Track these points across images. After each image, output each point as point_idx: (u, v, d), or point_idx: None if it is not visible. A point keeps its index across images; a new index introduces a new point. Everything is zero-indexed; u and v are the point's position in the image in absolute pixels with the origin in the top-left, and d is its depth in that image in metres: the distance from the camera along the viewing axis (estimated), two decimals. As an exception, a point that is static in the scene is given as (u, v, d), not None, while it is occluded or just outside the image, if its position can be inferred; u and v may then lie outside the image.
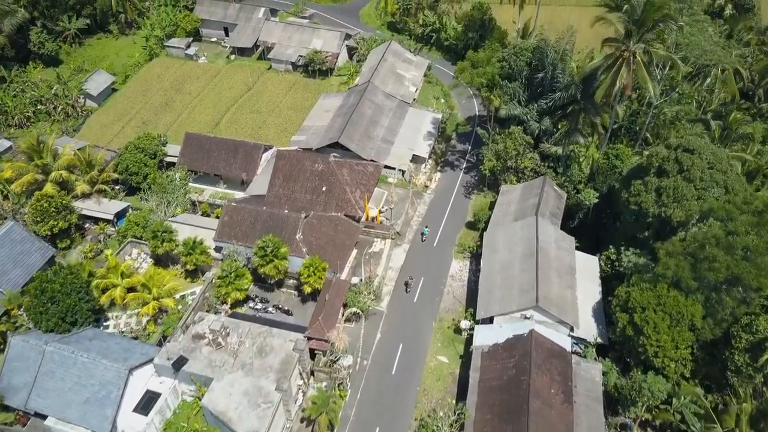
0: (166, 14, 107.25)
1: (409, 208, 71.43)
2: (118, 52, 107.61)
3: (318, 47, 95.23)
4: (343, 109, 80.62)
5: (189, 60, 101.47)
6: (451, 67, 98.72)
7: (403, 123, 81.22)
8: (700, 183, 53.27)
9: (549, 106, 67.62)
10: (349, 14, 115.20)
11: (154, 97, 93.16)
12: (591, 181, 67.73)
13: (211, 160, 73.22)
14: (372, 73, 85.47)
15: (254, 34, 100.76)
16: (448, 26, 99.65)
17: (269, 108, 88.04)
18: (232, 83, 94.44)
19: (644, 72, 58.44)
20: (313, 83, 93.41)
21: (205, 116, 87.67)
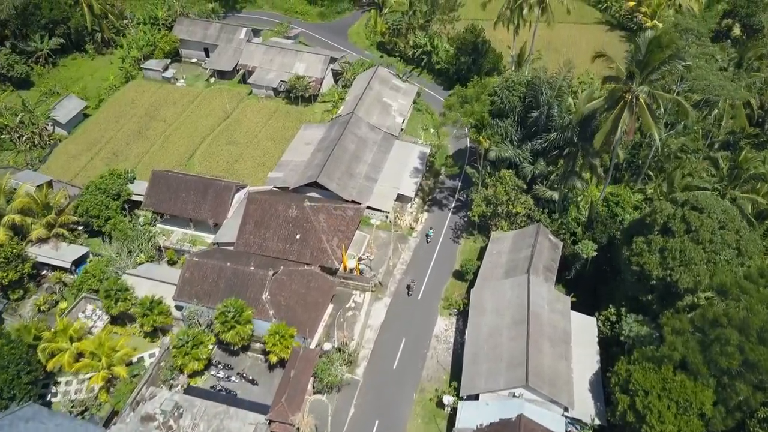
0: (143, 33, 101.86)
1: (392, 255, 65.93)
2: (93, 73, 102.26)
3: (301, 72, 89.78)
4: (325, 143, 75.21)
5: (166, 83, 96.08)
6: (442, 93, 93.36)
7: (388, 158, 75.75)
8: (709, 245, 47.79)
9: (544, 147, 62.08)
10: (338, 33, 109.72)
11: (128, 124, 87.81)
12: (590, 229, 62.18)
13: (179, 201, 67.80)
14: (356, 103, 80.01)
15: (235, 56, 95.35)
16: (440, 48, 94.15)
17: (247, 139, 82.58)
18: (210, 109, 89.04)
19: (648, 117, 52.88)
20: (295, 111, 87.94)
21: (179, 147, 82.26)
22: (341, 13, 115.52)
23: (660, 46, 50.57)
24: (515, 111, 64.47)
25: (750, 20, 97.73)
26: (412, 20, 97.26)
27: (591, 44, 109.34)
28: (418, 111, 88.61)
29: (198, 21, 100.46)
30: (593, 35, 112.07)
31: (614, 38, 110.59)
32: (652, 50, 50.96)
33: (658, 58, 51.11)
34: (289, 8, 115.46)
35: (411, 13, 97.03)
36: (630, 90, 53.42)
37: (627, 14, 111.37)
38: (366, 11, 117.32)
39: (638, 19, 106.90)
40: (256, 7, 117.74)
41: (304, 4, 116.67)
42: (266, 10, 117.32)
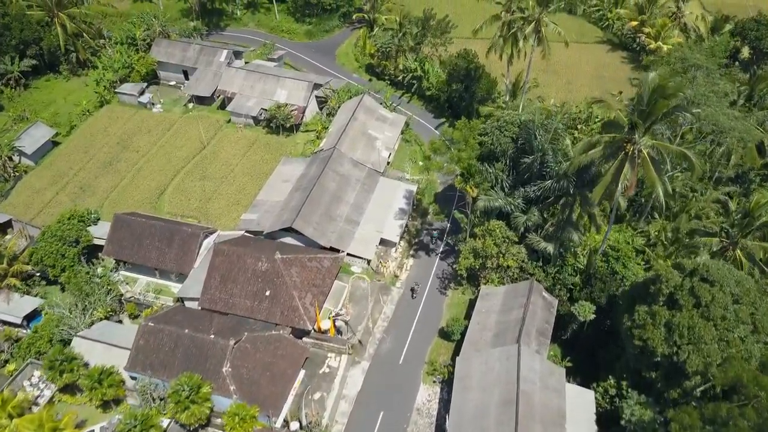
0: (119, 55, 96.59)
1: (372, 309, 60.58)
2: (67, 96, 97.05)
3: (282, 99, 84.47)
4: (304, 181, 69.91)
5: (142, 108, 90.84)
6: (432, 121, 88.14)
7: (371, 198, 70.40)
8: (722, 322, 42.41)
9: (538, 195, 56.67)
10: (325, 53, 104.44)
11: (98, 154, 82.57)
12: (588, 284, 56.76)
13: (142, 249, 62.53)
14: (339, 136, 74.70)
15: (214, 80, 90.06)
16: (431, 73, 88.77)
17: (223, 173, 77.26)
18: (186, 139, 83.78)
19: (652, 171, 47.40)
20: (276, 141, 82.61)
21: (149, 182, 76.97)
22: (329, 31, 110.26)
23: (665, 95, 45.13)
24: (507, 154, 59.11)
25: (759, 43, 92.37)
26: (402, 42, 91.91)
27: (592, 65, 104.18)
28: (406, 142, 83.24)
29: (177, 42, 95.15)
30: (594, 55, 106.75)
31: (616, 59, 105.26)
32: (656, 99, 45.51)
33: (663, 107, 45.67)
34: (275, 26, 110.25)
35: (401, 35, 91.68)
36: (632, 141, 47.97)
37: (629, 34, 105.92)
38: (356, 28, 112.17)
39: (641, 39, 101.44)
40: (241, 25, 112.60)
41: (290, 22, 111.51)
42: (251, 28, 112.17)
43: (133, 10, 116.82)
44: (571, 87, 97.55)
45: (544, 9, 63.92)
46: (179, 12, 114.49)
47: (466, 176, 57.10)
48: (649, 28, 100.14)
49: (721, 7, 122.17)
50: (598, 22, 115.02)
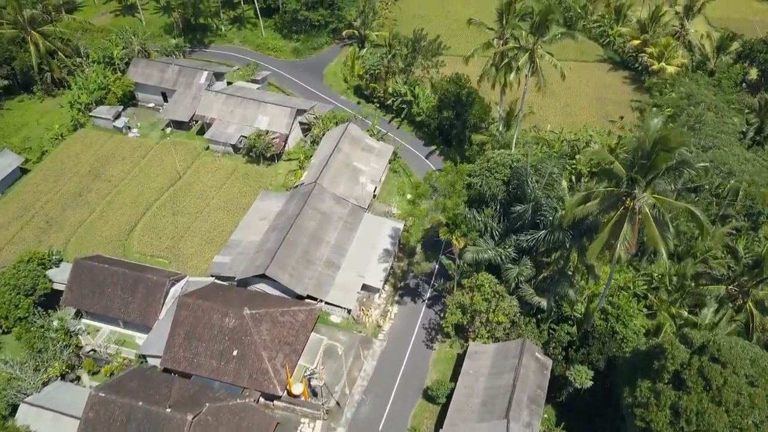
0: (95, 75, 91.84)
1: (353, 366, 55.81)
2: (40, 117, 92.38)
3: (264, 126, 79.77)
4: (281, 220, 65.23)
5: (117, 133, 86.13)
6: (422, 148, 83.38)
7: (354, 237, 65.66)
8: (735, 408, 37.61)
9: (530, 245, 51.87)
10: (312, 72, 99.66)
11: (69, 184, 77.90)
12: (585, 343, 51.96)
13: (104, 298, 57.86)
14: (321, 169, 69.98)
15: (193, 104, 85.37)
16: (421, 98, 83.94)
17: (197, 207, 72.54)
18: (162, 167, 79.07)
19: (654, 230, 42.64)
20: (255, 172, 77.87)
21: (120, 216, 72.28)
22: (318, 48, 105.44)
23: (667, 148, 40.27)
24: (497, 199, 54.31)
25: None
26: (392, 64, 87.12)
27: (592, 86, 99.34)
28: (394, 172, 78.47)
29: (155, 63, 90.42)
30: (594, 75, 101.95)
31: (617, 79, 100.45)
32: (658, 152, 40.67)
33: (665, 161, 40.84)
34: (260, 44, 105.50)
35: (390, 56, 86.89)
36: (631, 196, 43.16)
37: (631, 52, 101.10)
38: (347, 45, 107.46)
39: (644, 60, 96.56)
40: (226, 41, 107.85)
41: (277, 38, 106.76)
42: (236, 45, 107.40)
43: (114, 25, 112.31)
44: (570, 110, 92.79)
45: (539, 39, 59.05)
46: (162, 27, 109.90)
47: (451, 226, 52.23)
48: (652, 48, 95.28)
49: (726, 22, 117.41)
50: (598, 39, 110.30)
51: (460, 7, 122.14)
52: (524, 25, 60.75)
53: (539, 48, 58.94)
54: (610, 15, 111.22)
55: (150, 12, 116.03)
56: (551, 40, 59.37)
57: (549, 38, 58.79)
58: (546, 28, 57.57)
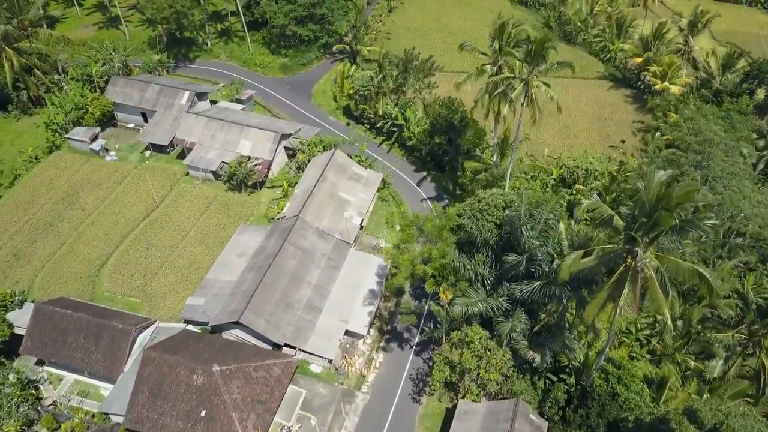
0: (73, 93, 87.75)
1: (333, 423, 51.68)
2: (15, 138, 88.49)
3: (246, 151, 75.67)
4: (260, 258, 61.15)
5: (94, 156, 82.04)
6: (414, 174, 79.30)
7: (338, 276, 61.58)
8: (750, 502, 33.45)
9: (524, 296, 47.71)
10: (301, 90, 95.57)
11: (40, 212, 73.82)
12: (583, 404, 47.88)
13: (66, 347, 53.83)
14: (305, 200, 65.94)
15: (174, 126, 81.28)
16: (413, 121, 79.80)
17: (173, 241, 68.42)
18: (138, 195, 74.94)
19: (658, 293, 38.46)
20: (236, 201, 73.75)
21: (91, 250, 68.17)
22: (307, 64, 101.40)
23: (669, 207, 36.14)
24: (489, 243, 50.18)
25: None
26: (382, 85, 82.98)
27: (591, 103, 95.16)
28: (383, 201, 74.37)
29: (135, 82, 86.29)
30: (594, 92, 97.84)
31: (618, 98, 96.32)
32: (661, 211, 36.51)
33: (669, 220, 36.70)
34: (247, 59, 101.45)
35: (380, 76, 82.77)
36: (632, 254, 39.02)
37: (633, 70, 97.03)
38: (337, 60, 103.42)
39: (647, 79, 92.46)
40: (212, 57, 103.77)
41: (264, 54, 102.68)
42: (223, 60, 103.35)
43: (97, 39, 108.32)
44: (569, 131, 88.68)
45: (535, 69, 54.89)
46: (146, 42, 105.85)
47: (438, 278, 48.10)
48: (655, 66, 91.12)
49: (732, 37, 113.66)
50: (599, 54, 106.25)
51: (456, 19, 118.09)
52: (519, 52, 56.54)
53: (535, 78, 54.72)
54: (611, 29, 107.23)
55: (135, 24, 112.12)
56: (548, 70, 55.20)
57: (545, 68, 54.59)
58: (542, 58, 53.37)
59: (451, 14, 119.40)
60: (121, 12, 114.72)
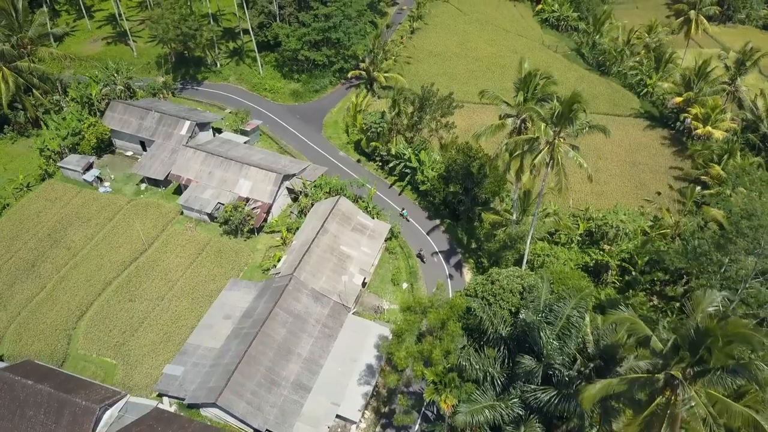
0: (70, 118, 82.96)
1: None
2: (9, 162, 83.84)
3: (245, 192, 69.96)
4: (247, 323, 55.24)
5: (87, 187, 77.04)
6: (425, 222, 72.73)
7: (332, 347, 55.33)
8: None
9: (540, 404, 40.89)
10: (311, 120, 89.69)
11: (23, 249, 68.85)
12: None
13: (24, 422, 48.42)
14: (302, 256, 59.87)
15: (171, 158, 75.93)
16: (427, 164, 73.23)
17: (159, 293, 62.83)
18: (128, 235, 69.56)
19: None
20: (231, 248, 67.90)
21: (71, 297, 62.92)
22: (320, 91, 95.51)
23: (722, 344, 29.05)
24: (502, 336, 43.43)
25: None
26: (396, 122, 76.56)
27: (625, 146, 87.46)
28: (390, 253, 67.92)
29: (134, 108, 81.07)
30: (628, 132, 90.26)
31: (654, 139, 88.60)
32: (711, 346, 29.47)
33: (718, 361, 29.62)
34: (257, 83, 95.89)
35: (394, 113, 76.37)
36: (672, 385, 31.97)
37: (672, 110, 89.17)
38: (353, 86, 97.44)
39: (687, 122, 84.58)
40: (221, 79, 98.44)
41: (276, 78, 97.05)
42: (232, 83, 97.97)
43: (104, 54, 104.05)
44: (599, 176, 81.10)
45: (562, 130, 47.93)
46: (153, 60, 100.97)
47: (439, 386, 41.46)
48: (697, 108, 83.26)
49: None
50: (635, 88, 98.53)
51: (482, 44, 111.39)
52: (544, 110, 49.54)
53: (561, 142, 47.75)
54: (649, 62, 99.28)
55: (144, 40, 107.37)
56: (577, 133, 48.23)
57: (574, 131, 47.63)
58: (570, 120, 46.42)
59: (476, 38, 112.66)
60: (132, 26, 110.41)
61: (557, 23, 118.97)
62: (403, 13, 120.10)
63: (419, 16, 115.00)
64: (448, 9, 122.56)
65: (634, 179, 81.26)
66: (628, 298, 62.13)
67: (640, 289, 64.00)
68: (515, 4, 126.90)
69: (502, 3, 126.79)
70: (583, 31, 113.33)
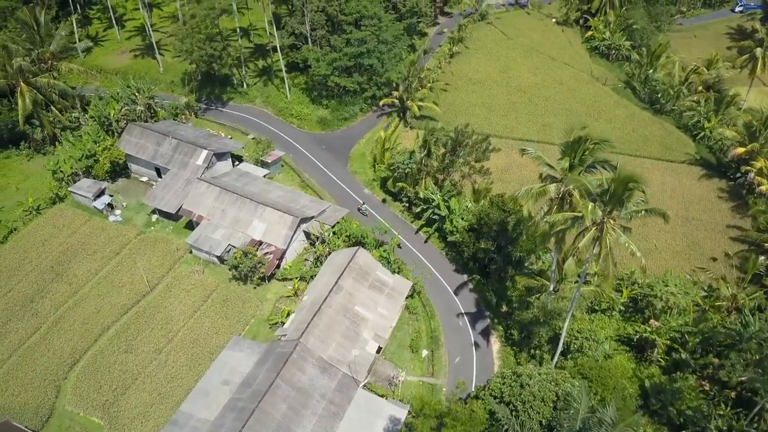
0: (86, 139, 79.21)
1: None
2: (22, 181, 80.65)
3: (258, 234, 64.89)
4: (245, 393, 49.93)
5: (96, 215, 73.08)
6: (452, 276, 66.71)
7: (338, 428, 49.53)
8: None
9: None
10: (337, 151, 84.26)
11: (24, 281, 65.14)
12: None
13: (-8, 499, 43.85)
14: (311, 317, 54.34)
15: (185, 190, 71.44)
16: (457, 213, 67.00)
17: (157, 345, 58.13)
18: (132, 273, 65.24)
19: None
20: (239, 295, 62.86)
21: (65, 342, 58.73)
22: (349, 119, 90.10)
23: None
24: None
25: None
26: (426, 162, 70.54)
27: (677, 196, 79.48)
28: (411, 314, 61.89)
29: (151, 133, 76.75)
30: (681, 181, 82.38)
31: (710, 191, 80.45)
32: None
33: None
34: (284, 108, 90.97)
35: (424, 153, 70.35)
36: None
37: (733, 160, 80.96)
38: (384, 114, 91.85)
39: (750, 176, 76.41)
40: (247, 100, 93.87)
41: (304, 102, 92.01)
42: (258, 105, 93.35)
43: (131, 68, 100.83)
44: (646, 231, 73.55)
45: (614, 211, 41.22)
46: (179, 76, 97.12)
47: None
48: (763, 162, 75.01)
49: None
50: (691, 130, 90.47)
51: (525, 72, 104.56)
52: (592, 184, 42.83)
53: (611, 226, 41.03)
54: (708, 104, 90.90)
55: (172, 54, 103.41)
56: (630, 216, 41.45)
57: (626, 214, 40.90)
58: (623, 202, 39.75)
59: (520, 66, 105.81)
60: (161, 38, 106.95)
61: (608, 52, 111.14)
62: (443, 35, 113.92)
63: (460, 39, 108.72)
64: (491, 32, 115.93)
65: (687, 237, 73.48)
66: (675, 381, 55.05)
67: (690, 371, 56.72)
68: (563, 29, 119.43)
69: (550, 28, 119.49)
70: (635, 63, 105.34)
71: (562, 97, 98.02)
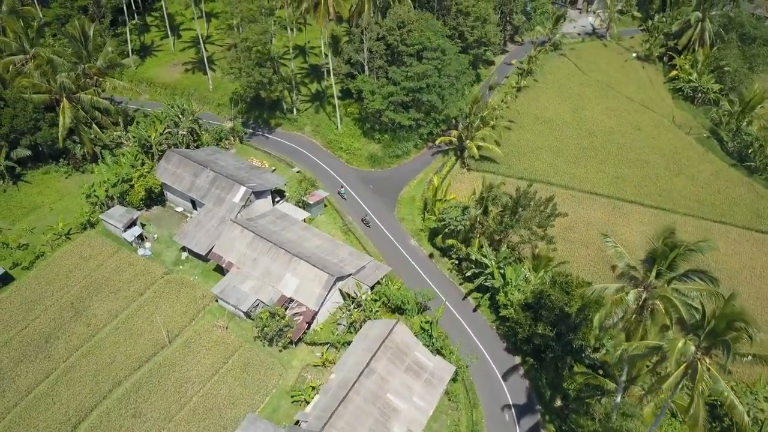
0: (125, 162, 75.26)
1: None
2: (57, 200, 77.30)
3: (289, 291, 58.99)
4: (254, 492, 43.70)
5: (125, 247, 68.89)
6: (501, 357, 59.36)
7: None
8: None
9: None
10: (386, 194, 77.59)
11: (42, 317, 61.45)
12: None
13: None
14: (338, 404, 47.85)
15: (217, 230, 66.27)
16: (512, 283, 59.36)
17: (167, 412, 52.88)
18: (152, 321, 60.51)
19: None
20: (262, 360, 57.07)
21: (72, 395, 54.34)
22: (402, 156, 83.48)
23: None
24: None
25: None
26: (482, 221, 63.15)
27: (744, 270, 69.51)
28: (451, 401, 54.64)
29: (189, 162, 71.99)
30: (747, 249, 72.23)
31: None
32: None
33: None
34: (333, 140, 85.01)
35: (480, 212, 62.96)
36: None
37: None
38: (440, 152, 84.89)
39: None
40: (296, 128, 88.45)
41: (355, 135, 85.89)
42: (307, 134, 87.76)
43: (181, 84, 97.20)
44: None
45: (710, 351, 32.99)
46: (228, 96, 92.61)
47: None
48: None
49: None
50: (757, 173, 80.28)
51: (599, 113, 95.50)
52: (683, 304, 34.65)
53: (705, 364, 32.84)
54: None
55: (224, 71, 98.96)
56: (728, 358, 33.12)
57: (729, 359, 32.62)
58: (727, 345, 31.51)
59: (593, 105, 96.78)
60: (215, 51, 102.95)
61: (693, 95, 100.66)
62: (510, 67, 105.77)
63: (529, 71, 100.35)
64: (563, 65, 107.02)
65: None
66: None
67: None
68: (644, 65, 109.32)
69: (629, 63, 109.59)
70: (725, 110, 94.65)
71: (639, 145, 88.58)
